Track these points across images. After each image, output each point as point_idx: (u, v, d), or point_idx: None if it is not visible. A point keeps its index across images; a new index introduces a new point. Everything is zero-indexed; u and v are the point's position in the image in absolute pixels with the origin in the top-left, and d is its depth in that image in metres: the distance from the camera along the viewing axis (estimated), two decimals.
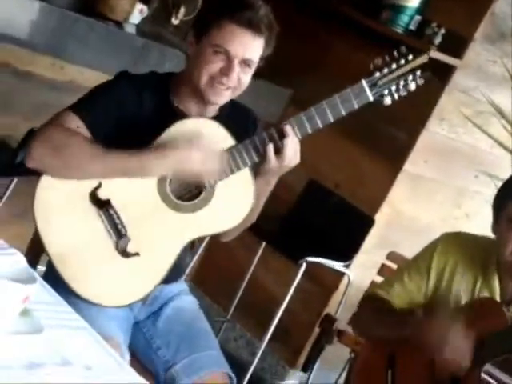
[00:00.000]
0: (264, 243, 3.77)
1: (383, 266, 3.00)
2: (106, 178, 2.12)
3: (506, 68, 3.57)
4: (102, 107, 2.16)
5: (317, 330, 3.86)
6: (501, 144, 3.61)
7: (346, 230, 3.67)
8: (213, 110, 2.29)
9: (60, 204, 2.13)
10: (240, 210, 2.22)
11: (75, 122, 2.12)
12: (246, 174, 2.20)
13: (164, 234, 2.18)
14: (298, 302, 3.60)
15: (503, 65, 3.64)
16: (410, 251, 3.18)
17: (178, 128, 2.16)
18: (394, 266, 2.98)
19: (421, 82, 2.22)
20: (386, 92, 2.19)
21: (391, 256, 3.01)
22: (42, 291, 1.77)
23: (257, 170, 2.22)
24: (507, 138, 3.62)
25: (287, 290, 3.55)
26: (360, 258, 3.68)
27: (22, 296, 1.56)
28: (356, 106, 2.17)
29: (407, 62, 2.20)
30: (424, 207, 3.93)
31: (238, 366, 2.42)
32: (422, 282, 2.40)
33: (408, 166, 3.74)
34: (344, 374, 3.16)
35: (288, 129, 2.16)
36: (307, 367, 3.00)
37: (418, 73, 2.22)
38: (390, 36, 3.63)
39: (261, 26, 2.15)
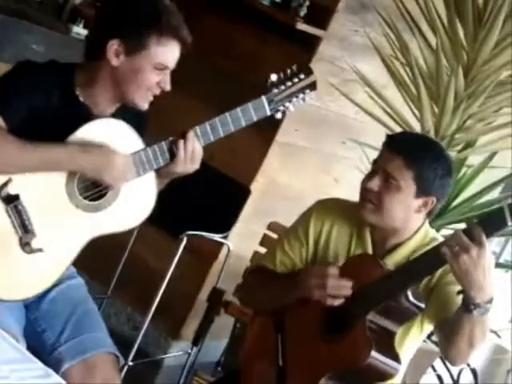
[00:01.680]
0: None
1: (265, 236, 3.08)
2: (34, 171, 2.13)
3: (369, 37, 3.70)
4: (13, 99, 2.15)
5: (198, 300, 3.95)
6: (365, 110, 3.75)
7: (222, 201, 3.72)
8: (116, 107, 2.33)
9: None
10: (141, 211, 2.32)
11: None
12: (150, 176, 2.29)
13: (68, 231, 2.22)
14: (178, 274, 3.63)
15: (366, 34, 3.78)
16: (285, 218, 3.27)
17: (91, 127, 2.20)
18: (275, 236, 3.07)
19: (308, 98, 2.40)
20: (281, 108, 2.37)
21: (272, 226, 3.09)
22: None
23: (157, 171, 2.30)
24: (371, 104, 3.76)
25: (166, 263, 3.58)
26: (237, 227, 3.75)
27: None
28: (255, 119, 2.35)
29: (299, 80, 2.37)
30: (296, 175, 4.05)
31: (120, 341, 2.45)
32: (302, 247, 2.51)
33: (280, 136, 3.82)
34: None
35: (191, 135, 2.27)
36: (197, 341, 3.05)
37: (307, 91, 2.39)
38: (257, 8, 3.69)
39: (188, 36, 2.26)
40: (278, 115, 2.38)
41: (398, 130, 3.64)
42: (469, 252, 2.14)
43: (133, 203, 2.29)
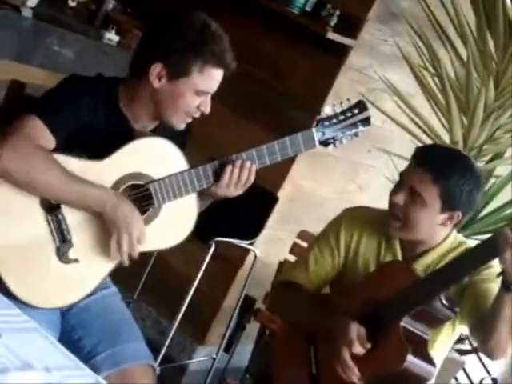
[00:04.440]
0: None
1: (295, 244, 3.10)
2: (62, 201, 2.15)
3: (398, 46, 3.72)
4: (63, 112, 2.18)
5: (224, 306, 3.97)
6: (393, 119, 3.77)
7: (250, 207, 3.73)
8: (156, 123, 2.35)
9: (11, 201, 2.12)
10: (181, 231, 2.32)
11: (40, 127, 2.12)
12: (191, 197, 2.30)
13: (105, 244, 2.21)
14: (204, 279, 3.65)
15: (395, 43, 3.80)
16: (310, 225, 3.31)
17: (134, 146, 2.22)
18: (305, 245, 3.08)
19: (358, 133, 2.39)
20: (331, 141, 2.36)
21: (302, 234, 3.11)
22: None
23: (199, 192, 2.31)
24: (398, 113, 3.78)
25: (192, 268, 3.60)
26: (264, 233, 3.77)
27: None
28: (303, 151, 2.34)
29: (353, 114, 2.36)
30: (321, 182, 4.06)
31: (147, 346, 2.47)
32: (334, 255, 2.54)
33: None
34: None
35: (239, 161, 2.29)
36: (229, 348, 3.07)
37: (361, 126, 2.38)
38: (288, 17, 3.71)
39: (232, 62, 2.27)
40: (330, 148, 2.36)
41: (426, 139, 3.67)
42: None
43: (173, 222, 2.30)
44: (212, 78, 2.25)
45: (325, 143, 2.35)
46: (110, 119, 2.26)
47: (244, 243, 3.64)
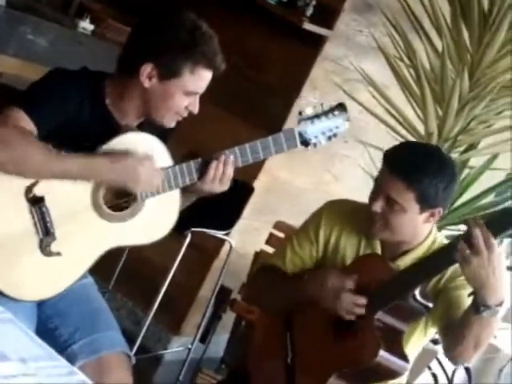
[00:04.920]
0: None
1: (271, 235, 3.10)
2: (59, 178, 2.13)
3: (373, 37, 3.73)
4: (48, 105, 2.16)
5: (199, 296, 3.96)
6: (367, 110, 3.77)
7: (226, 198, 3.72)
8: (142, 119, 2.35)
9: None
10: (162, 227, 2.33)
11: (24, 119, 2.10)
12: (175, 193, 2.31)
13: (87, 238, 2.23)
14: (180, 270, 3.65)
15: (370, 34, 3.80)
16: (286, 216, 3.31)
17: (123, 140, 2.21)
18: (282, 235, 3.09)
19: (337, 134, 2.40)
20: (312, 141, 2.37)
21: (278, 225, 3.11)
22: None
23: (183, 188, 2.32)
24: (374, 104, 3.79)
25: (168, 258, 3.60)
26: (239, 223, 3.77)
27: None
28: (285, 150, 2.35)
29: (333, 116, 2.39)
30: (298, 173, 4.07)
31: (122, 336, 2.47)
32: (313, 248, 2.54)
33: None
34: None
35: (222, 158, 2.30)
36: (205, 338, 3.07)
37: (340, 129, 2.40)
38: (264, 7, 3.70)
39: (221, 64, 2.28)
40: (309, 148, 2.38)
41: (401, 130, 3.68)
42: (479, 255, 2.17)
43: (155, 218, 2.30)
44: (202, 79, 2.26)
45: (305, 143, 2.37)
46: (96, 114, 2.25)
47: (219, 233, 3.64)
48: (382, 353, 2.28)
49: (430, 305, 2.35)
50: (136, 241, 2.33)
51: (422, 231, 2.44)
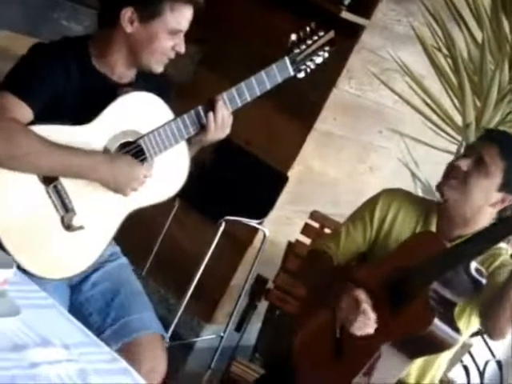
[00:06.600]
0: (177, 202, 3.78)
1: (306, 224, 3.08)
2: (51, 174, 2.14)
3: (411, 27, 3.69)
4: (35, 82, 2.15)
5: (232, 285, 3.97)
6: (403, 99, 3.75)
7: (260, 187, 3.73)
8: (134, 72, 2.34)
9: (7, 180, 2.11)
10: (176, 181, 2.34)
11: (14, 102, 2.10)
12: (181, 146, 2.32)
13: (106, 206, 2.24)
14: (213, 258, 3.65)
15: (408, 24, 3.77)
16: (320, 206, 3.30)
17: (119, 104, 2.21)
18: (317, 225, 3.07)
19: (326, 56, 2.47)
20: (303, 67, 2.42)
21: (314, 215, 3.09)
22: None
23: (188, 140, 2.34)
24: (410, 94, 3.76)
25: (201, 246, 3.61)
26: (272, 213, 3.77)
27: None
28: (279, 80, 2.38)
29: (319, 37, 2.43)
30: (332, 163, 4.05)
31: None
32: (367, 228, 2.55)
33: (318, 124, 3.82)
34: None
35: (220, 102, 2.31)
36: (241, 327, 3.07)
37: (327, 48, 2.46)
38: None
39: None
40: (301, 74, 2.41)
41: (437, 120, 3.65)
42: None
43: (167, 174, 2.33)
44: (183, 15, 2.25)
45: (297, 69, 2.40)
46: (86, 79, 2.24)
47: (253, 222, 3.64)
48: (436, 321, 2.26)
49: (484, 281, 2.33)
50: (154, 200, 2.33)
51: (484, 215, 2.43)
